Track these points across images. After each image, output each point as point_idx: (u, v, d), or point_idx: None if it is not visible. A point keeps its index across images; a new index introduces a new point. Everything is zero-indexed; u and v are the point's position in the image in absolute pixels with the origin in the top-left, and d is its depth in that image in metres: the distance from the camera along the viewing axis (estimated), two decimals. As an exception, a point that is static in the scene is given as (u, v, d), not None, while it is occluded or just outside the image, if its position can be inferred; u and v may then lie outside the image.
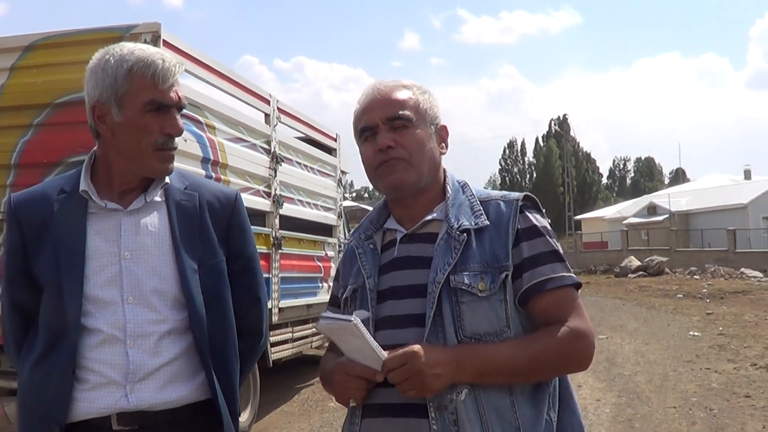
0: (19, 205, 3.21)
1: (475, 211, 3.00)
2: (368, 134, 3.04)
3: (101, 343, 3.02)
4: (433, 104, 3.13)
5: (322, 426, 11.18)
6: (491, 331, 2.82)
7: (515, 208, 2.98)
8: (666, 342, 18.83)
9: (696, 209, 71.16)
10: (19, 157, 8.01)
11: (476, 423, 2.72)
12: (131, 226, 3.12)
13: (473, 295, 2.82)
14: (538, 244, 2.94)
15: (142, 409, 3.01)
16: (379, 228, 3.20)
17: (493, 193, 3.13)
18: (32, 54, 8.06)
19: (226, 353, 3.26)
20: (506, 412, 2.77)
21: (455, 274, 2.84)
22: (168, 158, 3.12)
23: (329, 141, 14.27)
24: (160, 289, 3.10)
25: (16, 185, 7.87)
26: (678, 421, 10.82)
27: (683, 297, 31.38)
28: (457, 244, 2.90)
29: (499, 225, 2.96)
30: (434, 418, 2.72)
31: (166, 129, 3.06)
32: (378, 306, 2.97)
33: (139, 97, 3.01)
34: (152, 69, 3.00)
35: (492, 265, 2.87)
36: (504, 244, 2.91)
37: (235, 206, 3.39)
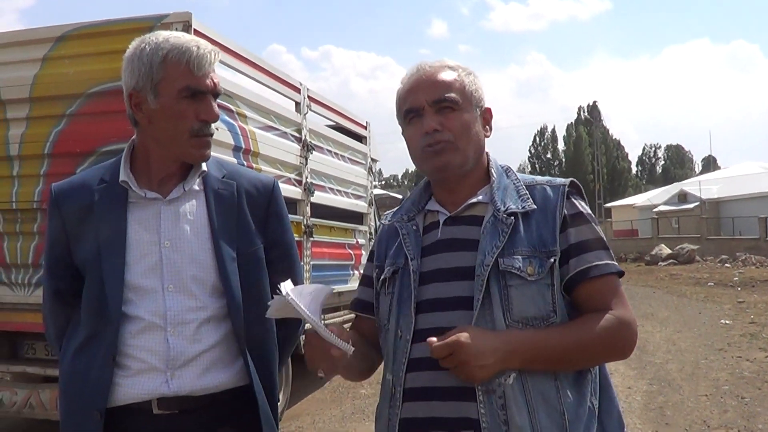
0: (60, 194, 3.27)
1: (521, 195, 3.00)
2: (413, 116, 3.04)
3: (142, 331, 3.08)
4: (478, 86, 3.11)
5: (353, 412, 11.22)
6: (538, 315, 2.83)
7: (562, 194, 2.98)
8: (697, 330, 18.78)
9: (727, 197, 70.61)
10: (52, 147, 8.02)
11: (523, 407, 2.73)
12: (170, 215, 3.16)
13: (522, 278, 2.82)
14: (584, 231, 2.95)
15: (182, 394, 3.06)
16: (420, 210, 3.19)
17: (537, 178, 3.12)
18: (64, 44, 8.06)
19: (264, 340, 3.31)
20: (552, 398, 2.78)
21: (503, 257, 2.84)
22: (204, 144, 3.15)
23: (359, 129, 14.25)
24: (200, 276, 3.15)
25: (50, 175, 7.98)
26: (709, 409, 10.81)
27: (714, 285, 31.24)
28: (504, 227, 2.90)
29: (545, 210, 2.96)
30: (482, 401, 2.74)
31: (202, 115, 3.09)
32: (420, 288, 2.97)
33: (174, 83, 3.04)
34: (187, 56, 3.04)
35: (539, 250, 2.88)
36: (551, 229, 2.91)
37: (273, 194, 3.42)
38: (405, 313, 2.97)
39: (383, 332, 3.12)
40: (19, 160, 8.22)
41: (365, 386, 12.69)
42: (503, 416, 2.72)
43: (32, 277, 8.22)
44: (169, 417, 3.07)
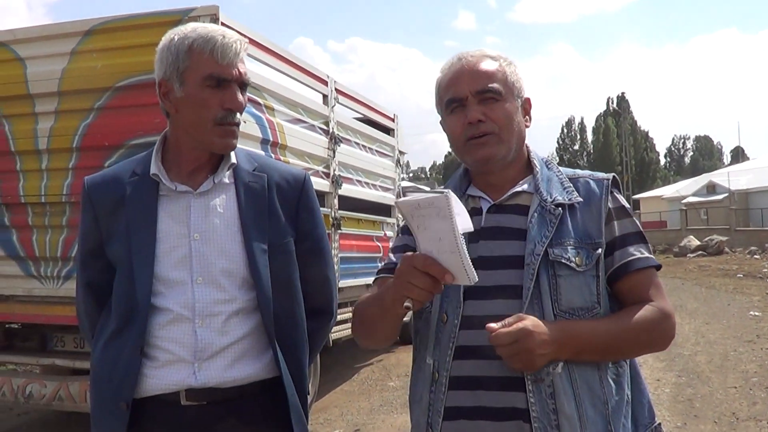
0: (93, 187, 3.30)
1: (566, 187, 3.02)
2: (455, 106, 3.03)
3: (171, 322, 3.10)
4: (519, 76, 3.10)
5: (382, 405, 11.23)
6: (584, 306, 2.85)
7: (607, 188, 3.01)
8: (726, 322, 18.71)
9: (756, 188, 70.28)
10: (81, 141, 8.07)
11: (570, 396, 2.76)
12: (200, 208, 3.18)
13: (571, 269, 2.84)
14: (627, 224, 2.99)
15: (210, 386, 3.08)
16: (461, 195, 3.13)
17: (579, 172, 3.15)
18: (92, 38, 8.09)
19: (294, 333, 3.31)
20: (596, 387, 2.82)
21: (552, 247, 2.85)
22: (229, 133, 3.16)
23: (387, 121, 14.24)
24: (229, 269, 3.16)
25: (78, 168, 8.06)
26: (738, 401, 10.77)
27: (743, 277, 31.10)
28: (552, 218, 2.91)
29: (590, 203, 2.97)
30: (531, 391, 2.75)
31: (226, 104, 3.09)
32: None
33: (199, 72, 3.07)
34: (211, 44, 3.05)
35: (585, 242, 2.90)
36: (597, 221, 2.94)
37: (304, 187, 3.42)
38: (452, 298, 2.94)
39: (423, 316, 3.07)
40: (48, 154, 8.27)
41: (393, 379, 12.73)
42: (552, 405, 2.74)
43: (61, 270, 8.28)
44: (198, 408, 3.09)
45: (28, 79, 8.27)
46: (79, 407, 8.32)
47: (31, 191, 8.33)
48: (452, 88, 3.04)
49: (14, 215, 8.49)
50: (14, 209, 8.48)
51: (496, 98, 2.98)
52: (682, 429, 9.40)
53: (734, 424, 9.62)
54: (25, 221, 8.40)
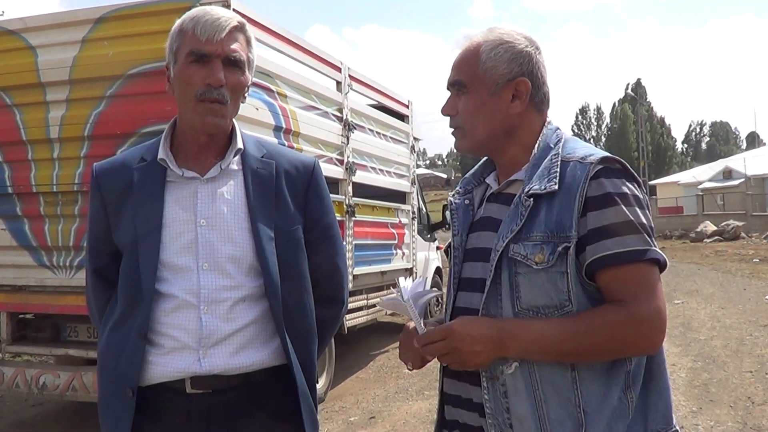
0: (101, 173, 3.31)
1: (551, 174, 2.79)
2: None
3: (176, 309, 3.09)
4: (503, 59, 2.90)
5: (397, 392, 11.22)
6: (550, 304, 2.69)
7: (587, 174, 2.72)
8: (742, 306, 18.65)
9: (773, 173, 70.16)
10: (92, 129, 8.07)
11: (524, 396, 2.68)
12: (208, 194, 3.18)
13: (529, 267, 2.70)
14: (608, 215, 2.68)
15: (215, 373, 3.07)
16: (481, 182, 3.15)
17: (579, 150, 2.87)
18: (103, 26, 8.10)
19: (302, 320, 3.30)
20: (564, 389, 2.67)
21: (516, 242, 2.74)
22: (209, 111, 3.12)
23: (401, 108, 14.20)
24: (236, 256, 3.15)
25: (90, 156, 8.04)
26: (754, 385, 10.75)
27: (759, 262, 31.02)
28: (523, 210, 2.77)
29: (569, 190, 2.73)
30: (486, 387, 2.73)
31: (207, 79, 3.07)
32: (463, 265, 2.98)
33: (183, 49, 3.10)
34: (195, 22, 3.08)
35: (556, 235, 2.69)
36: (570, 212, 2.69)
37: (313, 174, 3.41)
38: (450, 288, 3.01)
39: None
40: (60, 143, 8.28)
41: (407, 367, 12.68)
42: (506, 404, 2.70)
43: (74, 259, 8.28)
44: (203, 396, 3.09)
45: (40, 68, 8.26)
46: (92, 397, 8.25)
47: (43, 180, 8.33)
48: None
49: (26, 205, 8.49)
50: (26, 199, 8.49)
51: (461, 91, 2.95)
52: (697, 414, 9.38)
53: (750, 408, 9.61)
54: (37, 211, 8.41)
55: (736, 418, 9.18)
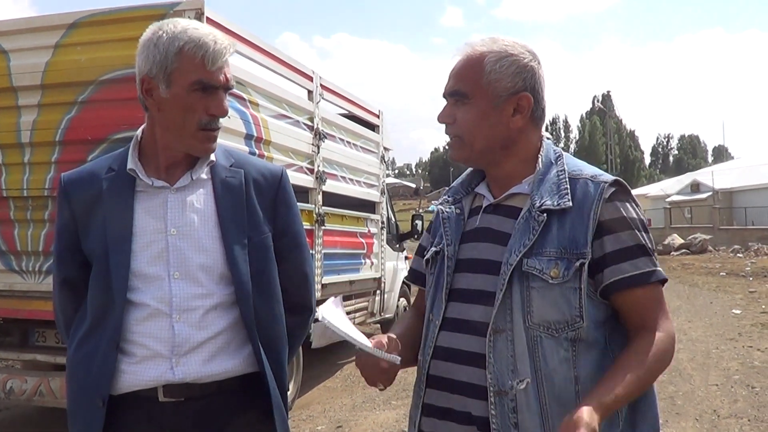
0: (69, 183, 3.31)
1: (561, 190, 2.86)
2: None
3: (148, 317, 3.10)
4: (507, 73, 2.91)
5: (364, 402, 11.22)
6: (562, 320, 2.74)
7: (600, 194, 2.81)
8: (708, 320, 18.79)
9: (740, 187, 70.52)
10: (64, 134, 8.05)
11: (535, 412, 2.70)
12: (177, 203, 3.19)
13: (544, 281, 2.74)
14: (623, 238, 2.79)
15: (187, 381, 3.08)
16: (470, 192, 3.16)
17: (585, 170, 2.97)
18: (76, 31, 8.08)
19: (273, 327, 3.32)
20: (570, 403, 2.66)
21: (529, 257, 2.77)
22: (210, 138, 3.18)
23: (372, 117, 14.20)
24: (207, 264, 3.16)
25: (61, 162, 8.02)
26: (720, 398, 10.84)
27: (726, 275, 31.28)
28: (536, 225, 2.80)
29: (582, 208, 2.81)
30: (493, 402, 2.72)
31: (211, 109, 3.10)
32: (455, 275, 2.97)
33: (187, 76, 3.06)
34: (203, 50, 3.05)
35: (569, 251, 2.76)
36: (584, 230, 2.78)
37: (281, 183, 3.42)
38: (438, 297, 2.99)
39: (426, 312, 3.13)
40: (31, 147, 8.24)
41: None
42: (514, 419, 2.70)
43: (42, 264, 8.24)
44: (176, 405, 3.10)
45: (12, 72, 8.23)
46: (60, 403, 8.23)
47: (13, 185, 8.29)
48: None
49: (-4, 209, 8.42)
50: (-4, 203, 8.41)
51: (462, 101, 2.94)
52: (663, 426, 9.34)
53: (715, 421, 9.69)
54: (7, 215, 8.36)
55: (702, 431, 9.27)
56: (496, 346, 2.75)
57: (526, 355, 2.73)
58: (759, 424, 9.51)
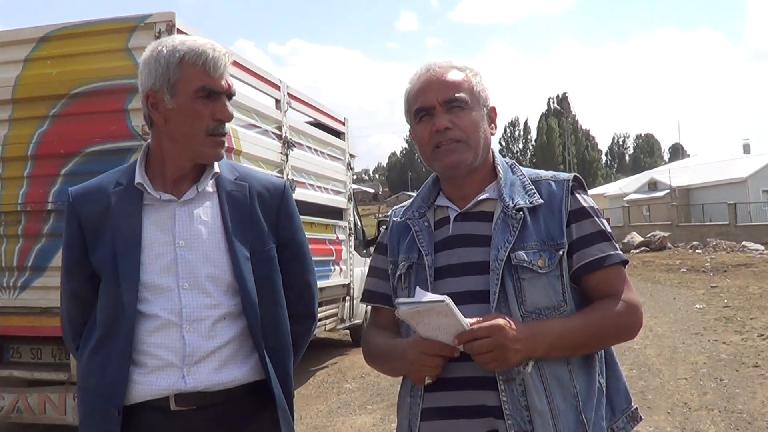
0: (77, 198, 3.35)
1: (528, 191, 3.12)
2: (423, 115, 3.13)
3: (159, 328, 3.15)
4: (485, 86, 3.22)
5: (340, 407, 11.26)
6: (550, 305, 2.98)
7: (566, 189, 3.12)
8: (673, 315, 18.98)
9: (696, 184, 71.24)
10: (36, 148, 8.06)
11: (542, 392, 2.87)
12: (185, 216, 3.25)
13: (533, 271, 2.96)
14: (586, 225, 3.08)
15: (198, 390, 3.14)
16: (430, 206, 3.28)
17: (542, 173, 3.26)
18: (46, 45, 8.09)
19: (278, 336, 3.39)
20: (566, 382, 2.94)
21: (515, 251, 2.97)
22: (219, 143, 3.24)
23: (338, 125, 14.32)
24: (214, 275, 3.23)
25: (33, 176, 8.08)
26: (689, 391, 11.02)
27: (687, 271, 31.57)
28: (514, 223, 3.02)
29: (552, 205, 3.08)
30: (503, 390, 2.86)
31: (217, 114, 3.18)
32: (435, 282, 3.06)
33: (191, 84, 3.14)
34: (203, 57, 3.13)
35: (548, 243, 3.01)
36: (558, 223, 3.05)
37: (284, 196, 3.50)
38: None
39: (403, 325, 3.22)
40: (2, 162, 8.26)
41: (350, 381, 12.82)
42: (524, 402, 2.85)
43: (17, 280, 8.22)
44: (186, 413, 3.15)
45: (-18, 87, 8.17)
46: (38, 419, 8.32)
47: (-14, 200, 8.23)
48: (421, 98, 3.15)
49: (-31, 225, 8.36)
50: (-31, 219, 8.36)
51: (462, 107, 3.10)
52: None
53: (687, 414, 9.84)
54: (-21, 231, 8.29)
55: (674, 423, 9.40)
56: None
57: None
58: (730, 414, 9.67)
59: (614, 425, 3.07)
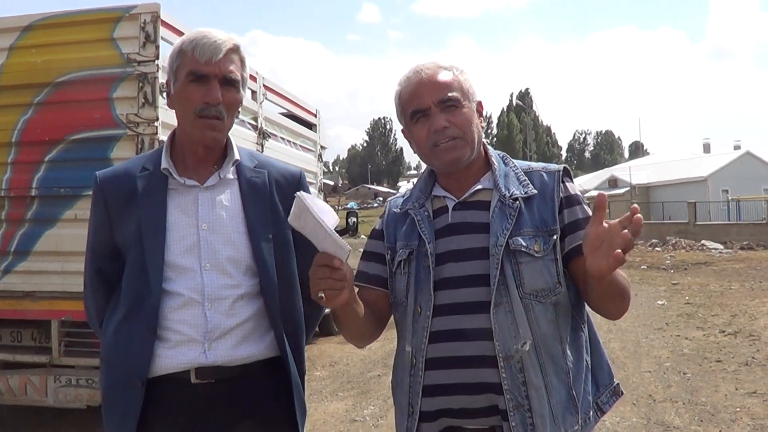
0: (105, 181, 3.53)
1: (522, 181, 3.33)
2: (420, 116, 3.31)
3: (182, 306, 3.33)
4: (471, 83, 3.41)
5: (311, 394, 11.26)
6: (546, 287, 3.18)
7: (558, 179, 3.33)
8: (635, 311, 19.10)
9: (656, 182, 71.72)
10: (20, 135, 8.13)
11: (537, 369, 3.09)
12: (207, 201, 3.44)
13: (530, 255, 3.17)
14: (576, 211, 3.29)
15: (218, 364, 3.32)
16: (428, 196, 3.46)
17: (533, 165, 3.46)
18: (31, 34, 8.16)
19: (293, 315, 3.59)
20: (559, 359, 3.18)
21: (512, 237, 3.16)
22: (208, 126, 3.38)
23: (310, 117, 14.48)
24: (235, 257, 3.42)
25: (18, 163, 8.16)
26: (654, 384, 11.23)
27: (647, 268, 31.78)
28: (511, 211, 3.22)
29: (544, 194, 3.29)
30: (503, 366, 3.07)
31: (205, 98, 3.33)
32: (437, 268, 3.25)
33: (183, 69, 3.36)
34: (193, 44, 3.34)
35: (542, 229, 3.22)
36: (551, 210, 3.25)
37: (300, 183, 3.67)
38: (424, 290, 3.26)
39: (399, 309, 3.41)
40: (-14, 149, 8.26)
41: (319, 369, 12.91)
42: (522, 378, 3.08)
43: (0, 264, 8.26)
44: (206, 386, 3.33)
45: (-32, 75, 8.23)
46: (18, 401, 8.40)
47: (-30, 186, 8.27)
48: (415, 100, 3.33)
49: (-47, 210, 8.39)
50: (-47, 204, 8.39)
51: (456, 105, 3.29)
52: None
53: (652, 405, 10.05)
54: (-37, 216, 8.33)
55: (639, 414, 9.59)
56: (498, 317, 3.11)
57: (524, 321, 3.12)
58: (694, 406, 9.89)
59: (598, 399, 3.33)
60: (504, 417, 3.09)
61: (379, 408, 10.36)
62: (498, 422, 3.13)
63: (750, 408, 9.73)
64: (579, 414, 3.18)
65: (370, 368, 13.03)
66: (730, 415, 9.45)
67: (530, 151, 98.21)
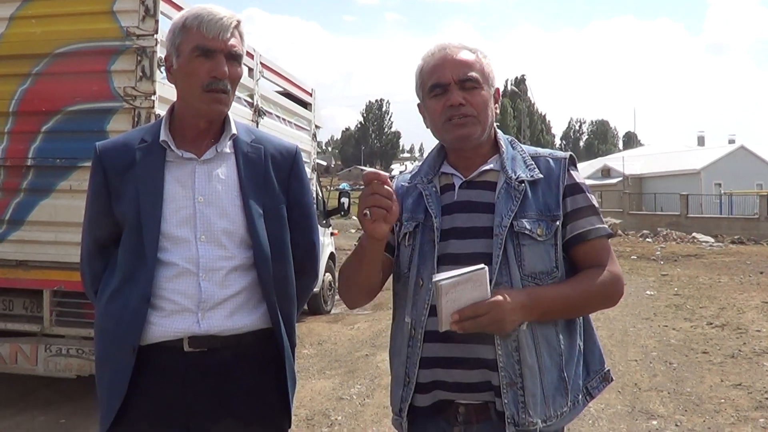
0: (104, 152, 3.59)
1: (528, 165, 3.40)
2: (438, 91, 3.37)
3: (177, 276, 3.39)
4: (493, 68, 3.48)
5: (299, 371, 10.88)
6: (545, 270, 3.27)
7: (563, 167, 3.41)
8: (624, 300, 18.79)
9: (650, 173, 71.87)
10: (18, 105, 8.16)
11: (532, 349, 3.18)
12: (204, 174, 3.50)
13: (533, 238, 3.25)
14: (579, 200, 3.38)
15: (211, 333, 3.38)
16: (436, 173, 3.51)
17: (540, 150, 3.54)
18: (32, 5, 8.18)
19: (285, 288, 3.64)
20: (553, 341, 3.26)
21: (517, 219, 3.23)
22: (215, 100, 3.44)
23: (305, 95, 14.49)
24: (230, 229, 3.48)
25: (14, 132, 8.21)
26: (639, 373, 11.28)
27: (637, 259, 31.74)
28: (517, 194, 3.29)
29: (549, 179, 3.37)
30: (499, 344, 3.15)
31: (212, 72, 3.38)
32: (440, 243, 3.31)
33: (188, 44, 3.40)
34: (198, 20, 3.38)
35: (545, 214, 3.30)
36: (555, 196, 3.34)
37: (296, 159, 3.75)
38: (427, 264, 3.32)
39: (401, 280, 3.47)
40: (-17, 117, 8.27)
41: (307, 347, 12.95)
42: (516, 357, 3.16)
43: (-9, 231, 8.30)
44: (198, 354, 3.39)
45: (-34, 44, 8.24)
46: (8, 368, 8.46)
47: (-34, 154, 8.29)
48: (436, 75, 3.39)
49: (-50, 178, 8.42)
50: (-51, 172, 8.41)
51: (475, 86, 3.36)
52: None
53: (637, 393, 10.12)
54: (-41, 184, 8.35)
55: (624, 402, 9.67)
56: None
57: None
58: (678, 396, 9.96)
59: (588, 384, 3.40)
60: (497, 393, 3.16)
61: (366, 387, 10.42)
62: (491, 398, 3.21)
63: (734, 400, 9.79)
64: (569, 396, 3.26)
65: (357, 348, 13.09)
66: (715, 406, 9.51)
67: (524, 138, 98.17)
